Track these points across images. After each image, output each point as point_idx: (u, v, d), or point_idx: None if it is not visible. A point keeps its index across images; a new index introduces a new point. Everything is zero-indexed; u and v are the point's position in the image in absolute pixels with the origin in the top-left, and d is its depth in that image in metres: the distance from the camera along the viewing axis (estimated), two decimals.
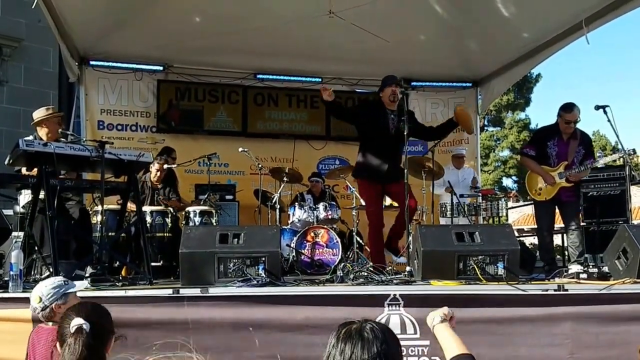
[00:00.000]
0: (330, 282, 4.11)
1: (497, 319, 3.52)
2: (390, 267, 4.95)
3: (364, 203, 6.06)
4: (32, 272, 4.20)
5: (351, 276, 4.14)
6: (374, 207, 5.14)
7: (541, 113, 48.22)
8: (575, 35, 5.95)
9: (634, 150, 4.90)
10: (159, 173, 5.96)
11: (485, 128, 25.31)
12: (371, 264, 5.27)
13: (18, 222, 4.39)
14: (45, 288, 2.68)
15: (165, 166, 6.15)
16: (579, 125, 5.25)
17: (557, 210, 5.41)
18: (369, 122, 5.10)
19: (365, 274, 4.19)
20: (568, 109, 5.10)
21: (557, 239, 7.26)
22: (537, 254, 5.97)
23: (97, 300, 3.37)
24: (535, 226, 5.67)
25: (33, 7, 4.94)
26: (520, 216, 23.01)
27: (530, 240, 10.98)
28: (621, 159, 5.00)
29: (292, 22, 6.24)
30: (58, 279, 2.76)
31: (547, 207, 5.27)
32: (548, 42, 6.45)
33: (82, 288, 2.73)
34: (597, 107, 4.72)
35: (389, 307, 3.43)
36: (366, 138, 5.17)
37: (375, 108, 5.23)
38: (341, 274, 4.18)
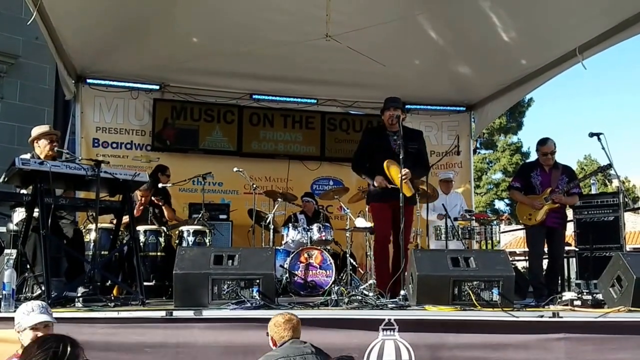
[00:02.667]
0: (325, 305, 4.08)
1: (492, 345, 3.51)
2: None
3: (358, 225, 6.09)
4: (24, 290, 4.15)
5: (346, 299, 4.12)
6: (384, 226, 5.05)
7: (533, 137, 48.73)
8: (571, 61, 6.04)
9: (609, 165, 4.98)
10: (143, 199, 5.92)
11: (478, 151, 25.51)
12: (364, 285, 5.28)
13: (11, 240, 4.34)
14: (24, 306, 2.71)
15: (160, 185, 6.14)
16: (561, 158, 5.49)
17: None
18: (373, 146, 5.12)
19: (360, 297, 4.17)
20: (543, 143, 5.43)
21: None
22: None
23: (89, 321, 3.35)
24: (528, 249, 5.72)
25: (29, 24, 4.95)
26: (512, 239, 23.06)
27: (523, 264, 10.99)
28: (604, 178, 5.07)
29: (290, 44, 6.31)
30: (37, 305, 2.72)
31: (537, 231, 5.36)
32: (544, 68, 6.54)
33: (42, 320, 2.66)
34: (592, 135, 4.82)
35: (383, 331, 3.42)
36: (372, 162, 5.10)
37: (377, 132, 5.30)
38: (335, 297, 4.15)
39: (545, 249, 5.51)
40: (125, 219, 4.71)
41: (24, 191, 4.25)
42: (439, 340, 3.46)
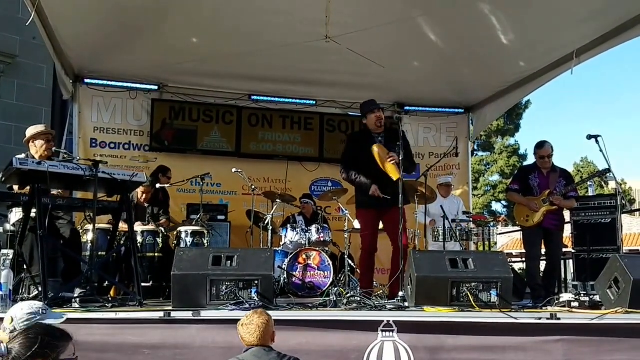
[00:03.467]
0: (324, 307, 4.08)
1: (490, 347, 3.51)
2: (381, 291, 4.95)
3: (357, 226, 6.09)
4: (20, 291, 4.13)
5: (344, 301, 4.12)
6: (368, 231, 5.12)
7: (530, 139, 48.84)
8: (568, 64, 6.04)
9: (607, 169, 5.01)
10: (144, 195, 5.93)
11: (475, 153, 25.55)
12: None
13: (8, 240, 4.32)
14: (20, 311, 2.55)
15: (158, 185, 6.13)
16: (558, 161, 5.60)
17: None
18: (359, 151, 5.11)
19: (359, 298, 4.17)
20: (540, 146, 5.47)
21: None
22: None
23: (86, 322, 3.34)
24: (524, 251, 5.73)
25: (28, 24, 4.93)
26: (509, 240, 23.11)
27: (520, 266, 11.01)
28: (601, 181, 5.10)
29: (289, 46, 6.30)
30: (37, 305, 2.54)
31: (535, 233, 5.40)
32: (542, 71, 6.56)
33: (59, 322, 2.57)
34: (589, 137, 4.82)
35: (382, 333, 3.41)
36: (359, 168, 5.10)
37: (362, 136, 5.31)
38: (334, 298, 4.15)
39: (543, 251, 5.53)
40: (125, 227, 4.70)
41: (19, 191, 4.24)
42: (438, 342, 3.46)
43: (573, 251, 6.15)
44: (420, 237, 6.76)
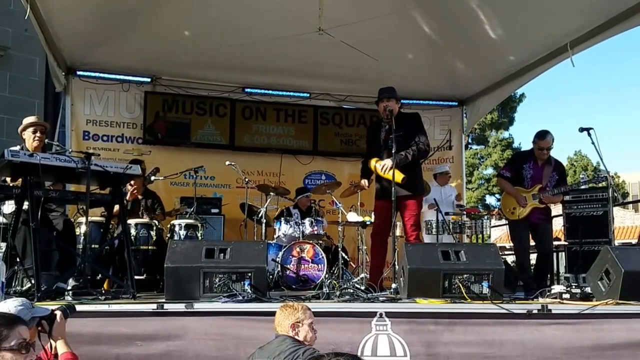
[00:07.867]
0: (316, 299, 4.09)
1: (484, 338, 3.54)
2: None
3: (350, 219, 6.12)
4: (13, 284, 4.13)
5: (337, 293, 4.14)
6: (377, 220, 5.21)
7: (524, 132, 48.92)
8: (561, 57, 6.05)
9: (603, 178, 5.06)
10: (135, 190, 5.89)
11: (470, 146, 25.59)
12: (356, 279, 5.31)
13: (0, 233, 4.31)
14: (14, 308, 2.55)
15: (153, 178, 6.10)
16: (553, 153, 5.46)
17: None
18: (371, 141, 5.29)
19: (352, 290, 4.19)
20: (541, 137, 5.33)
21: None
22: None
23: (79, 314, 3.33)
24: (513, 244, 5.76)
25: (26, 17, 4.92)
26: (502, 233, 23.21)
27: (513, 258, 11.09)
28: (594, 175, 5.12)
29: (282, 38, 6.28)
30: (23, 301, 2.49)
31: (521, 226, 5.39)
32: (534, 64, 6.56)
33: (46, 314, 2.51)
34: (582, 130, 4.83)
35: (376, 326, 3.43)
36: (370, 157, 5.19)
37: (375, 126, 5.43)
38: (327, 290, 4.16)
39: (532, 244, 5.53)
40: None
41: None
42: (432, 334, 3.49)
43: (565, 243, 6.18)
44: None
